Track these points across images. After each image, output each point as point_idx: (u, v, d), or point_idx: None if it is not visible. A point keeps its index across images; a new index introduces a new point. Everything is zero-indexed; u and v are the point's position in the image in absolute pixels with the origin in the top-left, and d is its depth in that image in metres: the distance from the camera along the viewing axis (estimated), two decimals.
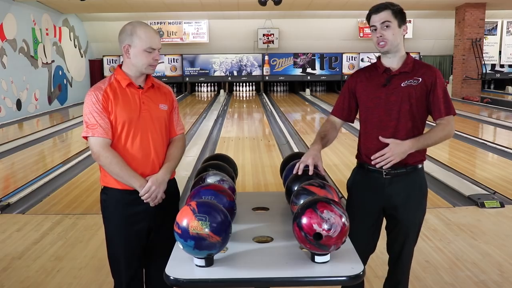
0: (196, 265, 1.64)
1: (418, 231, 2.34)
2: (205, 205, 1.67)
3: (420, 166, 2.26)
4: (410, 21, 16.01)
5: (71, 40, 15.38)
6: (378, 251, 2.41)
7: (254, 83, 17.61)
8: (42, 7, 12.93)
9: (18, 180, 5.78)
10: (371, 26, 2.18)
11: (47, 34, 13.39)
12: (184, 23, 16.67)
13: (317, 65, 17.09)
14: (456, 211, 4.35)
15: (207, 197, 1.86)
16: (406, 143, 2.10)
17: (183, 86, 17.26)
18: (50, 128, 9.83)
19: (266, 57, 16.93)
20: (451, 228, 3.92)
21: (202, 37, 16.77)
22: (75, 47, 15.73)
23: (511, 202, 4.60)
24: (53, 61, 13.81)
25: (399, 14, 2.16)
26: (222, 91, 16.84)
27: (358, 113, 2.36)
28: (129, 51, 2.08)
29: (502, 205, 4.43)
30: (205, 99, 15.73)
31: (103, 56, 16.69)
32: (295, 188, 2.01)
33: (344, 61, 17.06)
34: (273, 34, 16.78)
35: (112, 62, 16.62)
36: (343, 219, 1.62)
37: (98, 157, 2.05)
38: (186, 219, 1.62)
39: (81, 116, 2.17)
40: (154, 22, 16.29)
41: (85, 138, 2.09)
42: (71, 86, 15.11)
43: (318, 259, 1.64)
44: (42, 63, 13.06)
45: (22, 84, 11.84)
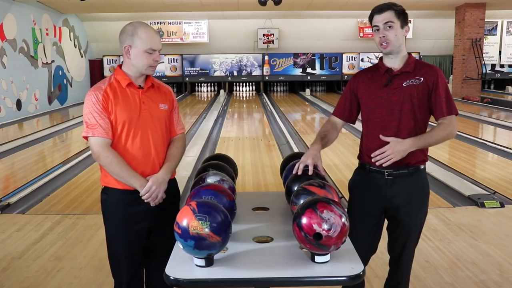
0: (196, 265, 1.64)
1: (420, 232, 2.34)
2: (205, 205, 1.67)
3: (422, 167, 2.26)
4: (410, 21, 15.96)
5: (71, 40, 15.38)
6: (379, 251, 2.41)
7: (254, 83, 17.60)
8: (42, 7, 12.93)
9: (18, 180, 5.78)
10: (374, 26, 2.17)
11: (47, 34, 13.39)
12: (184, 23, 16.67)
13: (317, 65, 17.08)
14: (456, 211, 4.35)
15: (207, 197, 1.86)
16: (407, 142, 2.09)
17: (183, 86, 17.25)
18: (50, 128, 9.83)
19: (266, 57, 16.92)
20: (451, 228, 3.92)
21: (202, 37, 16.77)
22: (75, 47, 15.73)
23: (511, 202, 4.60)
24: (53, 61, 13.81)
25: (402, 15, 2.16)
26: (222, 91, 16.84)
27: (360, 114, 2.35)
28: (130, 52, 2.09)
29: (502, 205, 4.43)
30: (205, 99, 15.72)
31: (103, 56, 16.69)
32: (295, 188, 2.01)
33: (344, 61, 17.05)
34: (273, 34, 16.78)
35: (112, 62, 16.62)
36: (343, 219, 1.62)
37: (99, 157, 2.05)
38: (186, 219, 1.62)
39: (81, 116, 2.17)
40: (154, 22, 16.29)
41: (85, 138, 2.09)
42: (71, 86, 15.11)
43: (318, 259, 1.64)
44: (42, 63, 13.06)
45: (22, 84, 11.84)
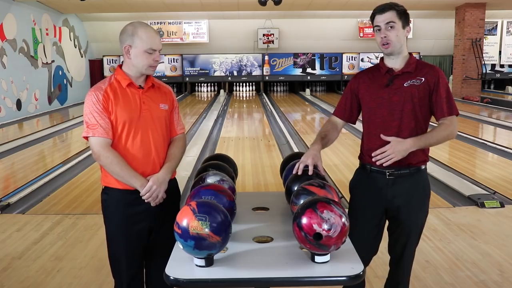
0: (196, 265, 1.64)
1: (420, 233, 2.34)
2: (205, 205, 1.67)
3: (424, 167, 2.26)
4: (410, 21, 15.95)
5: (71, 40, 15.38)
6: (379, 251, 2.41)
7: (254, 83, 17.60)
8: (42, 7, 12.92)
9: (18, 180, 5.78)
10: (375, 26, 2.17)
11: (47, 34, 13.39)
12: (184, 23, 16.67)
13: (317, 65, 17.07)
14: (456, 211, 4.35)
15: (207, 197, 1.86)
16: (408, 141, 2.09)
17: (183, 86, 17.25)
18: (50, 128, 9.83)
19: (266, 57, 16.92)
20: (451, 228, 3.92)
21: (202, 37, 16.77)
22: (75, 47, 15.73)
23: (511, 202, 4.60)
24: (53, 61, 13.81)
25: (404, 15, 2.15)
26: (222, 91, 16.83)
27: (361, 114, 2.35)
28: (130, 52, 2.09)
29: (502, 205, 4.43)
30: (205, 99, 15.72)
31: (103, 56, 16.69)
32: (295, 188, 2.01)
33: (344, 61, 17.05)
34: (273, 34, 16.78)
35: (112, 62, 16.62)
36: (343, 219, 1.62)
37: (99, 157, 2.05)
38: (186, 219, 1.62)
39: (81, 116, 2.18)
40: (154, 22, 16.29)
41: (86, 138, 2.09)
42: (71, 86, 15.11)
43: (318, 259, 1.64)
44: (42, 63, 13.06)
45: (22, 84, 11.84)
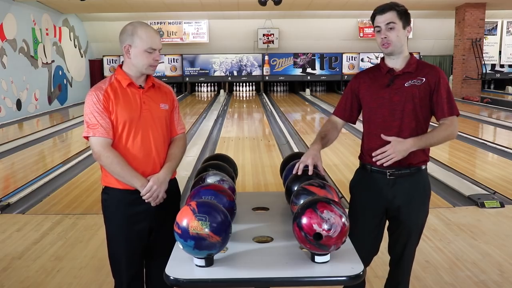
0: (196, 265, 1.64)
1: (420, 233, 2.34)
2: (205, 205, 1.67)
3: (424, 167, 2.26)
4: (410, 21, 15.98)
5: (71, 40, 15.37)
6: (379, 251, 2.41)
7: (254, 83, 17.59)
8: (42, 7, 12.92)
9: (18, 180, 5.78)
10: (376, 27, 2.17)
11: (47, 34, 13.39)
12: (184, 23, 16.66)
13: (317, 65, 17.07)
14: (456, 211, 4.35)
15: (207, 197, 1.86)
16: (408, 141, 2.09)
17: (183, 86, 17.25)
18: (50, 128, 9.83)
19: (266, 57, 16.92)
20: (451, 228, 3.92)
21: (202, 37, 16.77)
22: (75, 47, 15.73)
23: (511, 202, 4.60)
24: (53, 61, 13.81)
25: (404, 15, 2.15)
26: (222, 91, 16.83)
27: (362, 114, 2.35)
28: (130, 51, 2.09)
29: (502, 205, 4.43)
30: (205, 99, 15.72)
31: (103, 56, 16.68)
32: (295, 188, 2.01)
33: (344, 61, 17.04)
34: (273, 34, 16.77)
35: (112, 62, 16.62)
36: (343, 219, 1.62)
37: (99, 157, 2.05)
38: (186, 219, 1.62)
39: (81, 116, 2.18)
40: (154, 22, 16.29)
41: (86, 138, 2.09)
42: (71, 86, 15.11)
43: (318, 259, 1.64)
44: (42, 63, 13.05)
45: (22, 84, 11.84)
